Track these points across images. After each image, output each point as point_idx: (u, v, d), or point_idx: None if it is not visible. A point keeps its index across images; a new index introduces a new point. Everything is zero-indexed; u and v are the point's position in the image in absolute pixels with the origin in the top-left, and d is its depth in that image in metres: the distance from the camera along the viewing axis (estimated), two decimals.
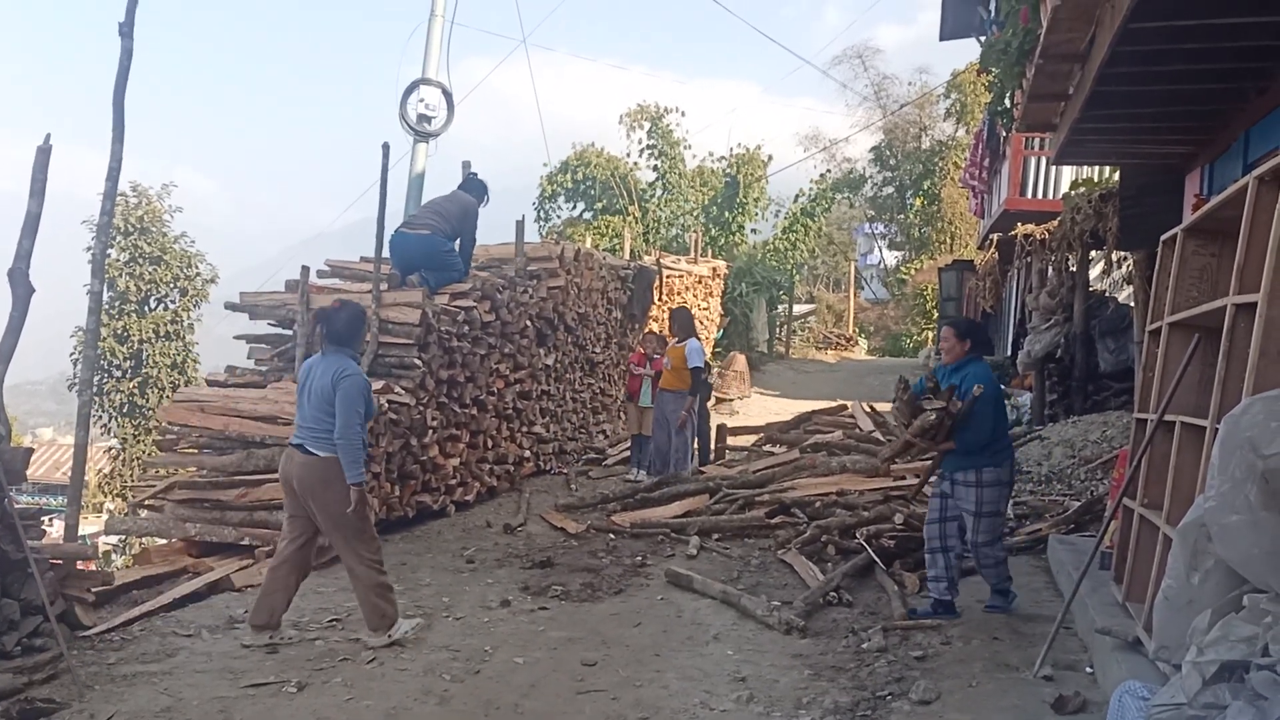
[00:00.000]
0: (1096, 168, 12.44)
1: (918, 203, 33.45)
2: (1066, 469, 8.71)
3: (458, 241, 8.58)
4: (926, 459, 5.71)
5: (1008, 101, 7.92)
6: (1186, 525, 3.26)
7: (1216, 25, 5.07)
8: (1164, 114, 6.99)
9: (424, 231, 8.26)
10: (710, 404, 11.73)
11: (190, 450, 7.21)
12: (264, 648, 4.84)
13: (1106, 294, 12.89)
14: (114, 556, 17.35)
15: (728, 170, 24.33)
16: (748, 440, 12.03)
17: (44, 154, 5.03)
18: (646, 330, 12.35)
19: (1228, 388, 3.59)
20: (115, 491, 19.41)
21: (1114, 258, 10.67)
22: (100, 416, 19.31)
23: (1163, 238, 4.83)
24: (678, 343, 9.89)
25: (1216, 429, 3.41)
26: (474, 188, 8.95)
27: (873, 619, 5.37)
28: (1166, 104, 6.70)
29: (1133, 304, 10.63)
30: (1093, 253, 11.37)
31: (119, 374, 19.44)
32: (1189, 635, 3.15)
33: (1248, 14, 4.95)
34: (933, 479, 5.45)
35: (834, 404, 13.27)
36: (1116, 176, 10.03)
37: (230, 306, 8.50)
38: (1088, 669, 4.43)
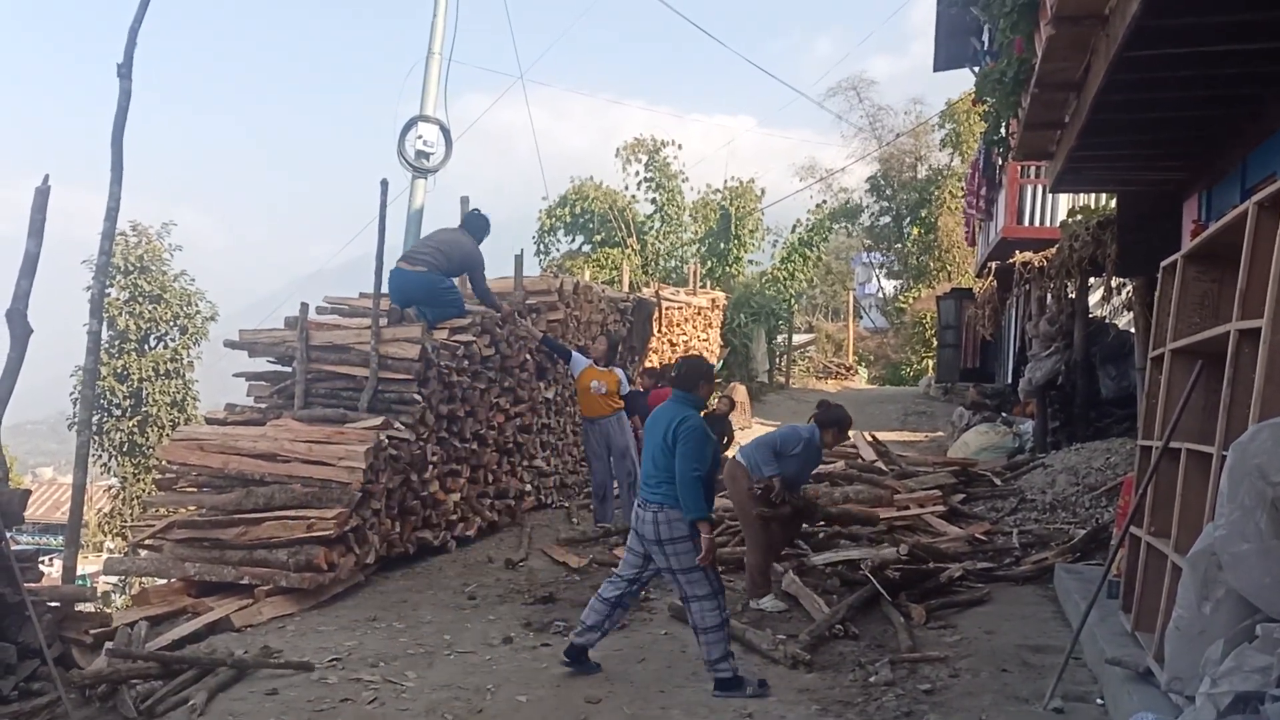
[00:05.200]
0: (1094, 195, 12.50)
1: (915, 232, 33.56)
2: (1070, 497, 8.65)
3: (460, 278, 8.55)
4: None
5: (1003, 131, 7.96)
6: (1196, 554, 3.22)
7: (1212, 52, 5.10)
8: (1161, 141, 7.02)
9: (421, 269, 8.24)
10: (727, 447, 11.60)
11: (190, 489, 7.17)
12: (266, 694, 4.77)
13: (1106, 320, 12.89)
14: (114, 596, 17.24)
15: (722, 203, 24.47)
16: None
17: (42, 194, 5.04)
18: (645, 364, 12.37)
19: (1233, 414, 3.57)
20: (115, 531, 19.31)
21: (1113, 284, 10.68)
22: (100, 455, 19.26)
23: (1163, 264, 4.82)
24: (605, 367, 9.28)
25: (1223, 456, 3.38)
26: (475, 224, 8.90)
27: (879, 652, 5.31)
28: (1163, 131, 6.74)
29: (1133, 330, 10.63)
30: (1091, 279, 11.38)
31: (119, 413, 19.40)
32: (1202, 666, 3.11)
33: (1243, 41, 4.98)
34: None
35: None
36: (1114, 204, 10.06)
37: (230, 344, 8.48)
38: (1098, 700, 4.37)
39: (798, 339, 30.83)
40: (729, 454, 11.74)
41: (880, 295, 40.08)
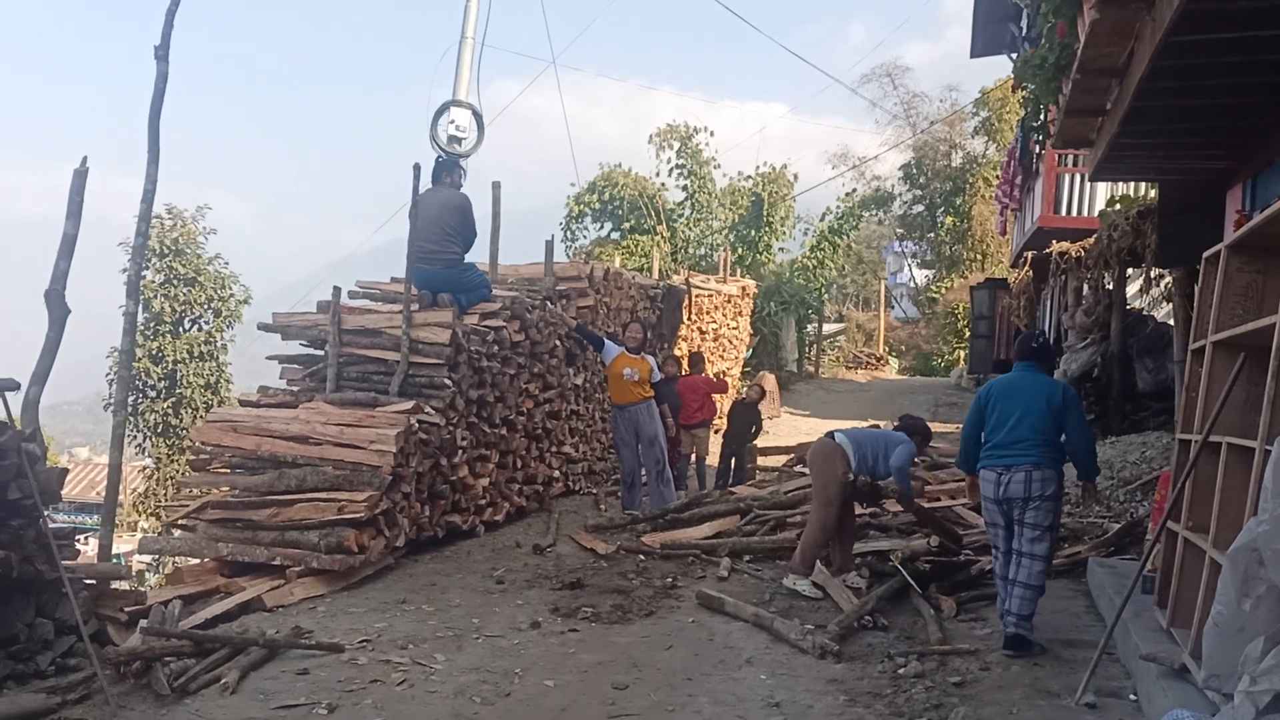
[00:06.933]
0: (1133, 184, 12.30)
1: (948, 221, 33.24)
2: (1105, 490, 8.54)
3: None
4: None
5: (1043, 117, 7.84)
6: (1237, 550, 3.17)
7: (1260, 37, 4.98)
8: (1205, 129, 6.87)
9: (439, 267, 8.24)
10: (757, 436, 11.56)
11: (223, 470, 7.24)
12: (297, 673, 4.81)
13: (1144, 312, 12.71)
14: (148, 575, 17.51)
15: (754, 189, 24.32)
16: (778, 461, 11.94)
17: (80, 176, 5.08)
18: (675, 352, 12.35)
19: (1277, 408, 3.49)
20: (149, 511, 19.61)
21: (1152, 275, 10.52)
22: (135, 436, 19.54)
23: (1205, 255, 4.73)
24: (636, 354, 9.23)
25: (1267, 450, 3.32)
26: (444, 172, 8.73)
27: (909, 643, 5.27)
28: (1207, 119, 6.59)
29: (1171, 322, 10.46)
30: (1130, 270, 11.21)
31: (154, 394, 19.67)
32: (1241, 663, 3.06)
33: None
34: None
35: (865, 424, 13.14)
36: (1154, 193, 9.90)
37: (263, 327, 8.54)
38: (1131, 696, 4.32)
39: (828, 328, 30.69)
40: (757, 443, 11.77)
41: (912, 285, 39.78)
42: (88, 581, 5.03)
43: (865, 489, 6.63)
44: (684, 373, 11.27)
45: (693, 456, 10.86)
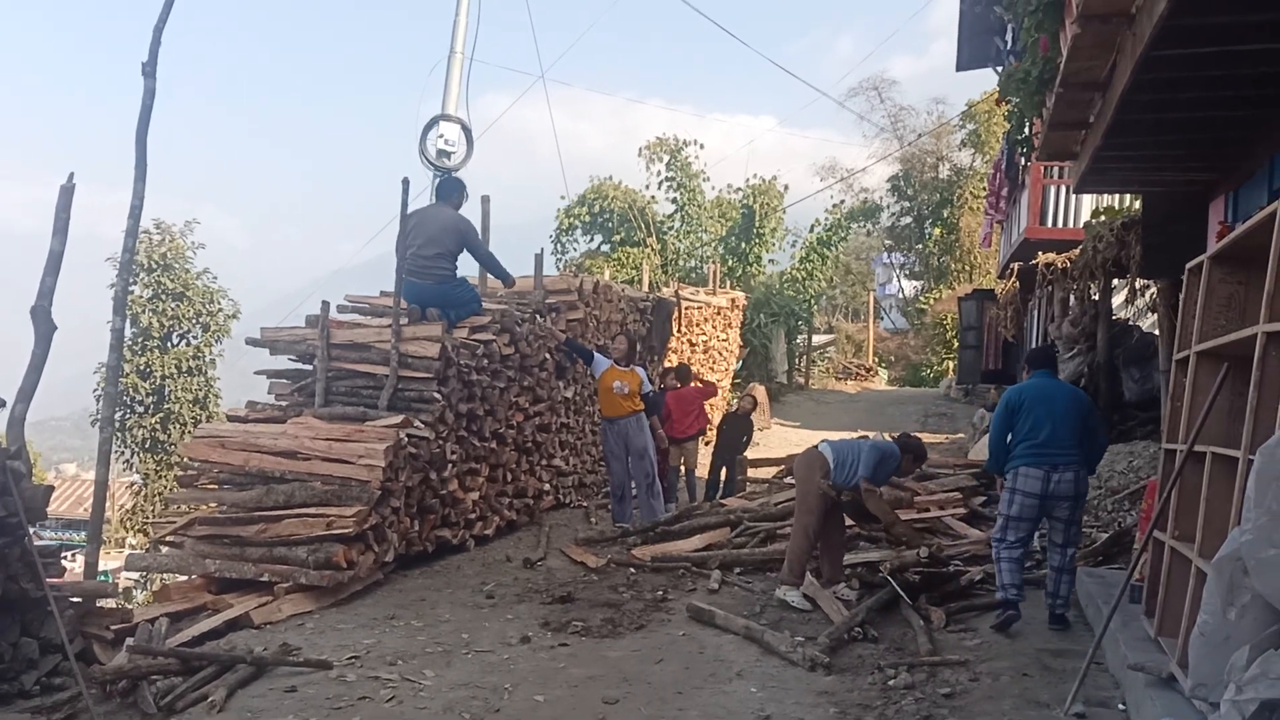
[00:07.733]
0: (1117, 196, 12.39)
1: (936, 232, 33.39)
2: (1093, 500, 8.57)
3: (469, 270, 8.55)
4: None
5: (1027, 130, 7.89)
6: (1222, 559, 3.19)
7: (1240, 51, 5.04)
8: (1187, 141, 6.94)
9: (430, 282, 8.24)
10: (748, 447, 11.58)
11: (211, 486, 7.21)
12: (285, 691, 4.79)
13: (1130, 322, 12.79)
14: (135, 592, 17.40)
15: (744, 201, 24.42)
16: (768, 472, 11.95)
17: (67, 193, 5.07)
18: (665, 364, 12.35)
19: (1260, 418, 3.52)
20: (137, 527, 19.52)
21: (1137, 286, 10.59)
22: (123, 452, 19.45)
23: (1188, 266, 4.77)
24: (626, 367, 9.29)
25: (1250, 460, 3.34)
26: (448, 191, 8.76)
27: (899, 655, 5.27)
28: (1189, 131, 6.66)
29: (1157, 332, 10.53)
30: (1115, 281, 11.29)
31: (141, 410, 19.59)
32: (1227, 672, 3.08)
33: (1271, 40, 4.91)
34: None
35: (855, 435, 13.16)
36: (1138, 204, 9.97)
37: (251, 342, 8.52)
38: (1120, 706, 4.32)
39: (817, 339, 30.82)
40: (747, 454, 11.78)
41: (901, 296, 39.91)
42: (73, 599, 5.00)
43: (839, 493, 6.58)
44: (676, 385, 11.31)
45: (682, 469, 10.86)
